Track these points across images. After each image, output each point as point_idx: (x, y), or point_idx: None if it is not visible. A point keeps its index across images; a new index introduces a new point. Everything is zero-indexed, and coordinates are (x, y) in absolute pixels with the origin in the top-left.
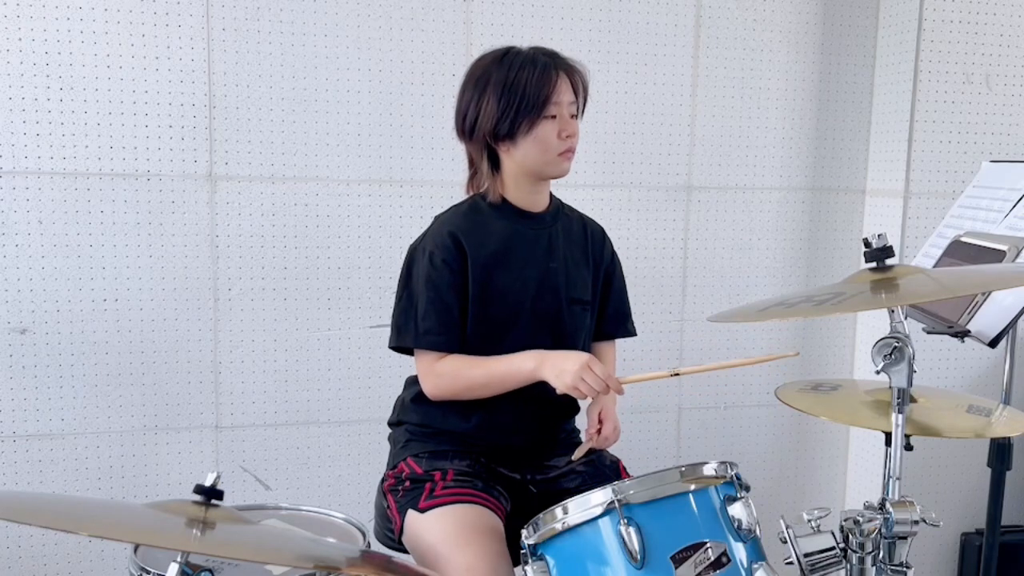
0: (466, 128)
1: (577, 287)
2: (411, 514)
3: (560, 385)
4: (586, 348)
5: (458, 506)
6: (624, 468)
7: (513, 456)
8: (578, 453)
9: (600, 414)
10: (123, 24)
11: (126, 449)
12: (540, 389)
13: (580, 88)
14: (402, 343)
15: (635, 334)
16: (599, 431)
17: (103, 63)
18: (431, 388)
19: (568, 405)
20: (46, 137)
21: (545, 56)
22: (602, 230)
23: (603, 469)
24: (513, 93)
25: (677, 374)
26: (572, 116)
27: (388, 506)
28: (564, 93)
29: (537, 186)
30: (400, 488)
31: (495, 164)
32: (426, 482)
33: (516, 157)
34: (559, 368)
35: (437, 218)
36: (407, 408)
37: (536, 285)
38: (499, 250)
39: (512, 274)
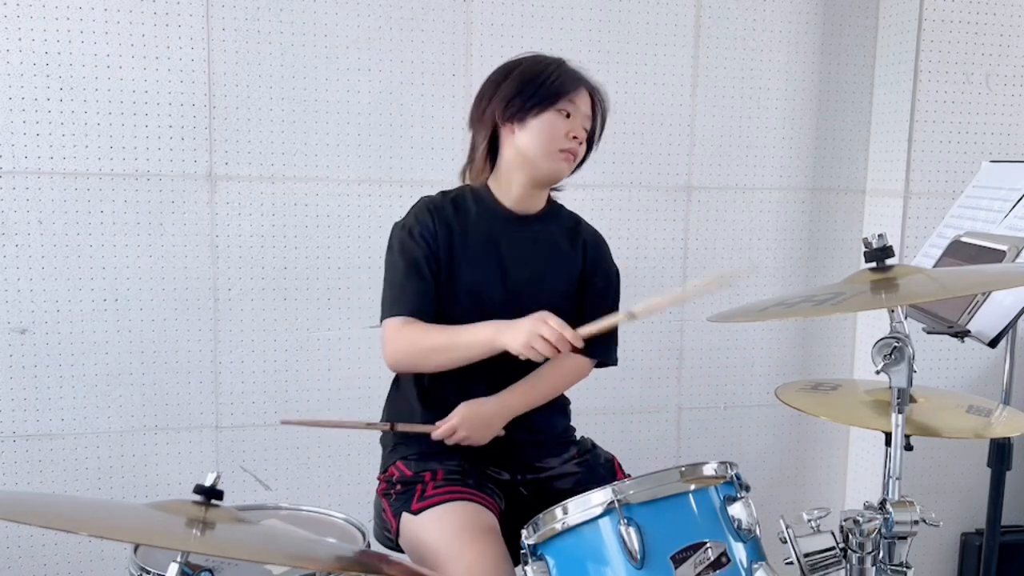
0: (479, 112)
1: (550, 296)
2: (405, 517)
3: (516, 344)
4: None
5: (452, 504)
6: (619, 466)
7: (503, 456)
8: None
9: None
10: (123, 24)
11: (126, 449)
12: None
13: (599, 110)
14: (383, 315)
15: (615, 363)
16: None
17: (103, 63)
18: (390, 353)
19: (562, 405)
20: (46, 137)
21: (574, 67)
22: (598, 242)
23: (598, 468)
24: (536, 79)
25: (633, 315)
26: (584, 129)
27: (384, 509)
28: (583, 104)
29: (531, 189)
30: (392, 492)
31: (494, 153)
32: (416, 483)
33: (518, 142)
34: (514, 328)
35: (422, 198)
36: (395, 410)
37: (506, 287)
38: (472, 247)
39: (480, 273)
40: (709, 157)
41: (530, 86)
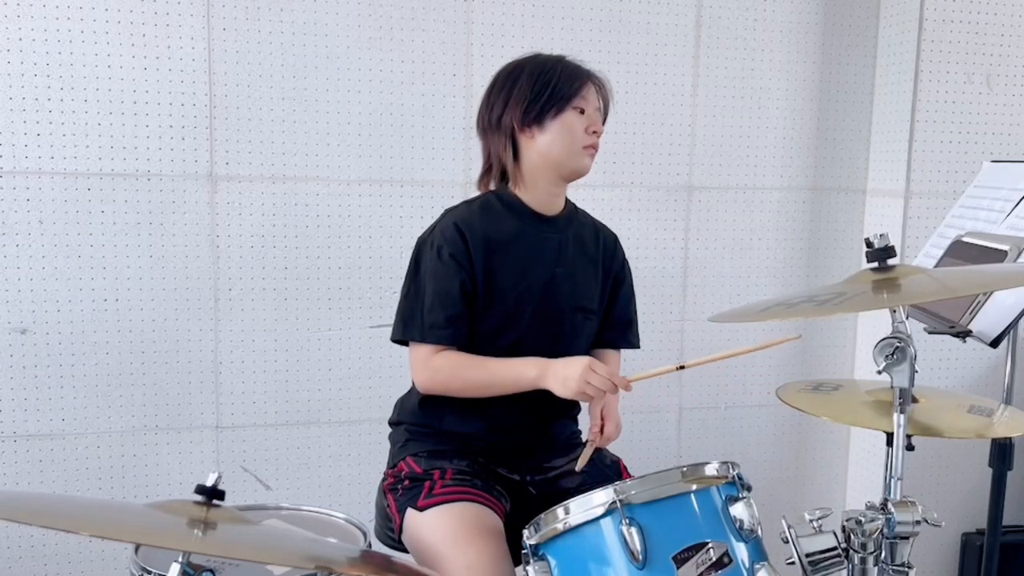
0: (492, 119)
1: (583, 295)
2: (410, 512)
3: (566, 392)
4: (585, 354)
5: (457, 504)
6: (625, 468)
7: (513, 457)
8: (583, 459)
9: (602, 412)
10: (123, 24)
11: (126, 449)
12: (542, 391)
13: (604, 100)
14: (408, 336)
15: (638, 346)
16: (602, 430)
17: (103, 63)
18: (424, 381)
19: (569, 406)
20: (46, 137)
21: (575, 62)
22: (614, 238)
23: (603, 469)
24: (546, 80)
25: (683, 367)
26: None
27: (388, 505)
28: (592, 97)
29: (555, 186)
30: (399, 487)
31: (517, 158)
32: (425, 481)
33: (540, 146)
34: (562, 375)
35: (448, 212)
36: (407, 408)
37: (540, 288)
38: (506, 249)
39: (517, 275)
40: (709, 157)
41: (542, 89)
